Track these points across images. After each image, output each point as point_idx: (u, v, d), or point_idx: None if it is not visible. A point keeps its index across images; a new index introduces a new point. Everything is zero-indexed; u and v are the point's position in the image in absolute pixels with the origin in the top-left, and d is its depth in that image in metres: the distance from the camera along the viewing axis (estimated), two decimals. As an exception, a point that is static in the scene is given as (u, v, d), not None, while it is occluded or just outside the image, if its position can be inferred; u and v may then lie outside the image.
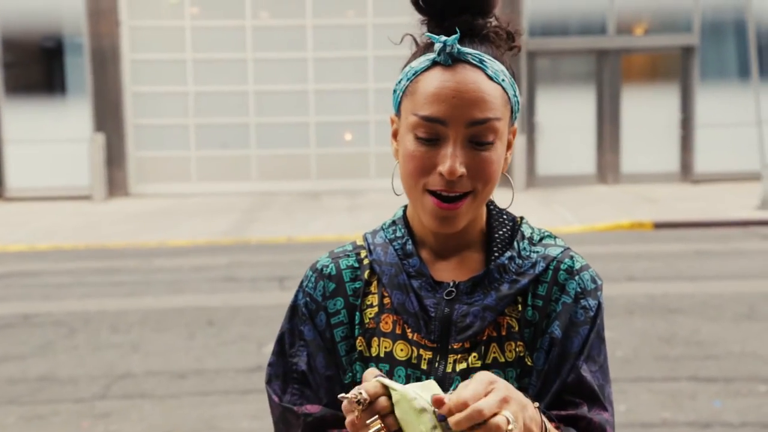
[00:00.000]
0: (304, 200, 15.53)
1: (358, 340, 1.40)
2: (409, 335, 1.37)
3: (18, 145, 16.16)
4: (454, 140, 1.30)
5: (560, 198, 14.88)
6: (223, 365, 6.19)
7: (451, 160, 1.29)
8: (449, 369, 1.35)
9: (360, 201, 15.05)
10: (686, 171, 16.70)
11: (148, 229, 12.71)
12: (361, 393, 1.15)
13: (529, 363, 1.36)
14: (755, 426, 4.99)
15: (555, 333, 1.36)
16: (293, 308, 1.46)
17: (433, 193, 1.32)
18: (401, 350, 1.37)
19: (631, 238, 11.50)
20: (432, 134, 1.30)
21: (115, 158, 16.18)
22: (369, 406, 1.15)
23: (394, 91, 1.39)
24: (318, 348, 1.42)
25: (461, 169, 1.29)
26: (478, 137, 1.30)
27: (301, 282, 1.48)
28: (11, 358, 6.58)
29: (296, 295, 1.47)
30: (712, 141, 16.53)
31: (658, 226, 12.22)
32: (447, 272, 1.40)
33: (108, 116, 16.18)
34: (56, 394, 5.79)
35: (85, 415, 5.38)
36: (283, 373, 1.44)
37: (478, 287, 1.37)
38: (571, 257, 1.42)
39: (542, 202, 14.31)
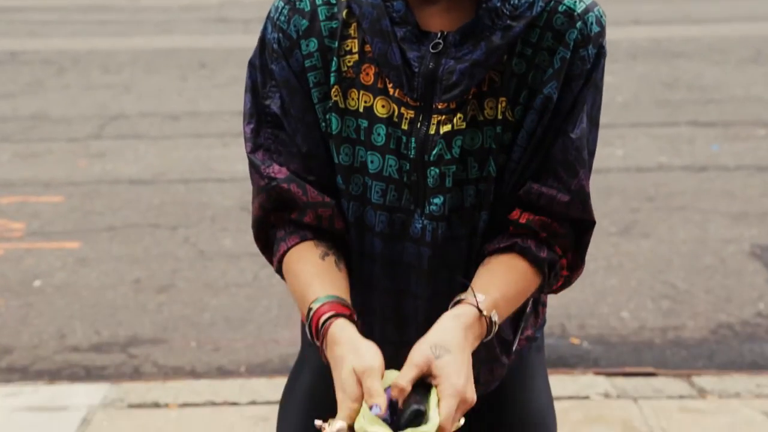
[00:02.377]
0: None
1: (333, 89, 1.24)
2: (391, 91, 1.22)
3: None
4: None
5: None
6: (216, 108, 6.12)
7: None
8: (432, 131, 1.21)
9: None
10: None
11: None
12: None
13: (510, 118, 1.22)
14: (750, 169, 5.01)
15: (551, 93, 1.21)
16: (262, 43, 1.28)
17: None
18: (382, 106, 1.22)
19: (638, -21, 11.07)
20: None
21: None
22: None
23: None
24: (293, 90, 1.26)
25: None
26: None
27: (269, 13, 1.28)
28: (0, 95, 6.48)
29: (265, 29, 1.28)
30: None
31: (667, -34, 11.73)
32: (435, 19, 1.22)
33: None
34: (49, 133, 5.76)
35: (80, 154, 5.38)
36: (256, 113, 1.30)
37: (468, 38, 1.20)
38: None
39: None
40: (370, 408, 1.07)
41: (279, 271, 1.30)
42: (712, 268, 3.92)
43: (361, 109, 1.23)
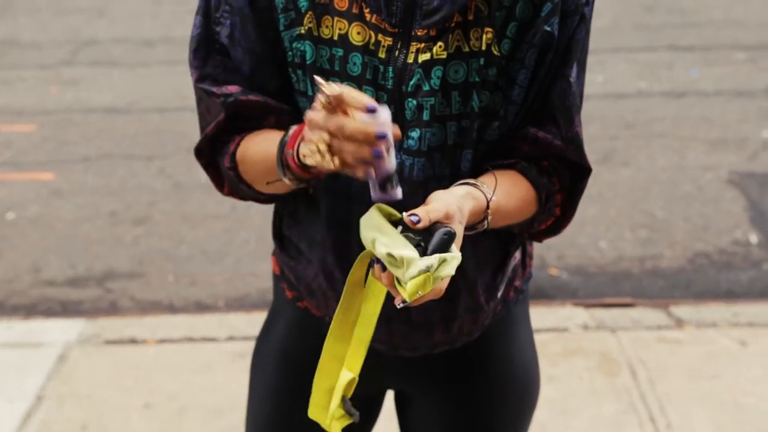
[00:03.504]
0: None
1: (306, 16, 1.17)
2: (367, 16, 1.15)
3: None
4: None
5: None
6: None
7: None
8: (410, 59, 1.15)
9: None
10: None
11: None
12: (333, 88, 0.99)
13: (496, 52, 1.16)
14: (729, 94, 4.98)
15: (553, 30, 1.16)
16: None
17: None
18: (357, 33, 1.16)
19: None
20: None
21: None
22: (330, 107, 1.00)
23: None
24: (245, 18, 1.19)
25: None
26: None
27: None
28: (-31, 23, 6.31)
29: None
30: None
31: None
32: None
33: None
34: (20, 59, 5.63)
35: (52, 81, 5.26)
36: (205, 40, 1.23)
37: None
38: None
39: None
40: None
41: (233, 166, 1.23)
42: (690, 196, 3.93)
43: (335, 38, 1.17)
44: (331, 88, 1.00)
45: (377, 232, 1.03)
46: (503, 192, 1.16)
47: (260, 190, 1.24)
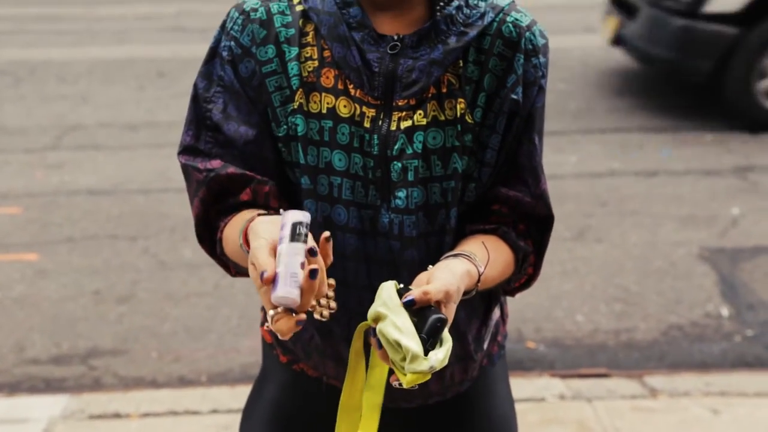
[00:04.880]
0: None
1: (297, 93, 1.29)
2: (352, 91, 1.28)
3: None
4: None
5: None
6: (175, 118, 6.12)
7: None
8: (393, 127, 1.27)
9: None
10: None
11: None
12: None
13: (469, 120, 1.29)
14: (698, 173, 5.15)
15: (518, 98, 1.30)
16: (213, 50, 1.33)
17: None
18: (344, 107, 1.28)
19: (591, -13, 11.25)
20: None
21: None
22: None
23: None
24: (238, 95, 1.30)
25: None
26: None
27: (224, 23, 1.33)
28: (-44, 109, 6.43)
29: (217, 38, 1.33)
30: None
31: (619, -26, 11.93)
32: (390, 24, 1.29)
33: None
34: (6, 144, 5.73)
35: (37, 165, 5.36)
36: (195, 120, 1.32)
37: (424, 40, 1.27)
38: (519, 11, 1.32)
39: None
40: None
41: (222, 251, 1.31)
42: (662, 271, 4.03)
43: (324, 111, 1.28)
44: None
45: (385, 308, 1.09)
46: (491, 262, 1.27)
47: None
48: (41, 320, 3.64)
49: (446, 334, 1.09)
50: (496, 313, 1.46)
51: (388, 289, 1.12)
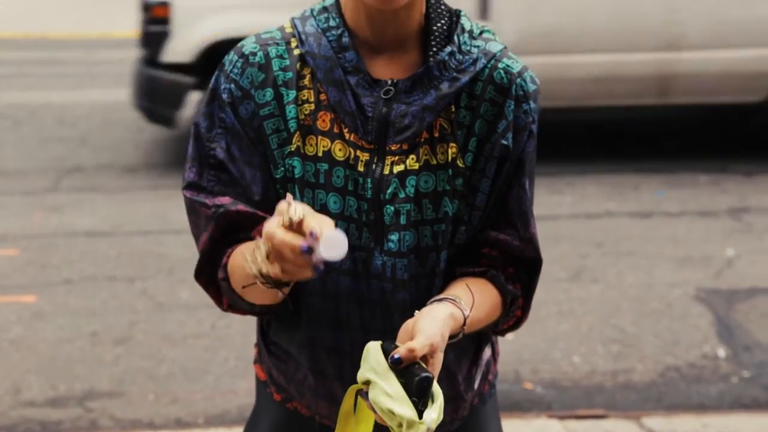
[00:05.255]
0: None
1: (295, 136, 1.32)
2: (347, 135, 1.30)
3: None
4: None
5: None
6: (173, 160, 6.16)
7: None
8: (386, 171, 1.30)
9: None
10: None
11: (89, 18, 12.23)
12: (296, 211, 1.08)
13: (461, 164, 1.32)
14: (693, 214, 5.18)
15: (509, 144, 1.32)
16: (213, 93, 1.35)
17: None
18: (339, 150, 1.30)
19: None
20: None
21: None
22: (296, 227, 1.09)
23: None
24: (239, 136, 1.33)
25: None
26: None
27: (223, 65, 1.36)
28: (-44, 151, 6.46)
29: (217, 80, 1.35)
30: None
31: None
32: (384, 68, 1.32)
33: None
34: (5, 187, 5.75)
35: (36, 207, 5.38)
36: (198, 158, 1.35)
37: (417, 85, 1.30)
38: (510, 57, 1.35)
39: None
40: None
41: (225, 276, 1.33)
42: (659, 312, 4.04)
43: (320, 154, 1.31)
44: (295, 212, 1.09)
45: (373, 374, 1.12)
46: (476, 305, 1.28)
47: (249, 300, 1.32)
48: (38, 362, 3.63)
49: (436, 388, 1.12)
50: (487, 352, 1.47)
51: (374, 353, 1.14)
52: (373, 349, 1.15)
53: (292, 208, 1.09)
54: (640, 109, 6.79)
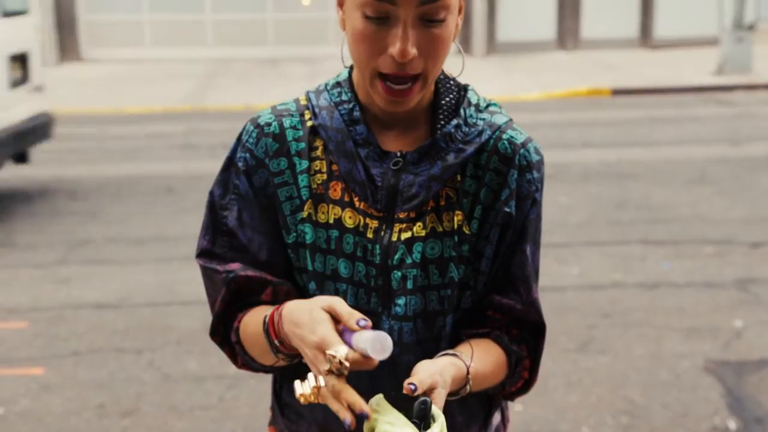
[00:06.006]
0: (261, 67, 15.27)
1: (307, 204, 1.37)
2: (357, 203, 1.36)
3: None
4: (405, 20, 1.25)
5: (520, 65, 14.80)
6: (183, 231, 6.22)
7: (401, 43, 1.25)
8: (394, 238, 1.35)
9: (319, 68, 14.84)
10: (646, 36, 16.64)
11: (101, 95, 12.46)
12: (343, 362, 1.15)
13: (466, 231, 1.36)
14: (699, 285, 5.18)
15: (511, 211, 1.37)
16: (230, 161, 1.41)
17: (383, 76, 1.29)
18: (350, 218, 1.36)
19: (589, 104, 11.55)
20: (381, 13, 1.25)
21: (65, 21, 15.66)
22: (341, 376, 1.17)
23: None
24: (252, 203, 1.39)
25: (413, 51, 1.25)
26: (429, 15, 1.26)
27: (240, 135, 1.42)
28: (-32, 225, 6.54)
29: (234, 149, 1.42)
30: (673, 5, 16.43)
31: (616, 92, 12.26)
32: (393, 141, 1.38)
33: (55, -23, 15.56)
34: (16, 260, 5.80)
35: (45, 280, 5.42)
36: (212, 226, 1.42)
37: (425, 157, 1.35)
38: (515, 128, 1.40)
39: (502, 70, 14.22)
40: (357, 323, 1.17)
41: (238, 340, 1.39)
42: (668, 383, 4.02)
43: (331, 221, 1.36)
44: (342, 359, 1.16)
45: (376, 414, 1.17)
46: (479, 359, 1.32)
47: (264, 364, 1.38)
48: (45, 435, 3.62)
49: (436, 411, 1.17)
50: (497, 417, 1.49)
51: (376, 398, 1.20)
52: (375, 397, 1.20)
53: (337, 356, 1.15)
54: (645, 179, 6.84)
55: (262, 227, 1.39)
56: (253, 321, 1.35)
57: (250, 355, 1.37)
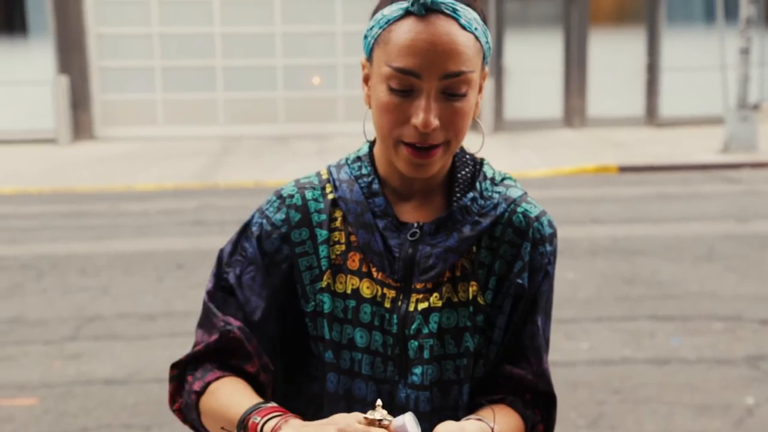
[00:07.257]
0: (271, 144, 15.48)
1: (326, 274, 1.41)
2: (374, 274, 1.39)
3: (-21, 87, 15.88)
4: (428, 92, 1.30)
5: (527, 142, 14.96)
6: (192, 307, 6.25)
7: (425, 114, 1.30)
8: (411, 308, 1.38)
9: (328, 145, 15.03)
10: (651, 115, 16.84)
11: (114, 172, 12.63)
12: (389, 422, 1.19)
13: (481, 301, 1.40)
14: (710, 362, 5.16)
15: (524, 282, 1.41)
16: (245, 226, 1.48)
17: (407, 144, 1.34)
18: (367, 288, 1.39)
19: (596, 181, 11.64)
20: (406, 86, 1.31)
21: (79, 101, 15.96)
22: None
23: (365, 36, 1.39)
24: (257, 268, 1.44)
25: (435, 122, 1.31)
26: (451, 89, 1.31)
27: (261, 205, 1.49)
28: (-21, 301, 6.58)
29: (252, 216, 1.48)
30: (678, 85, 16.66)
31: (623, 169, 12.36)
32: (411, 212, 1.42)
33: (72, 58, 15.91)
34: (26, 336, 5.83)
35: (55, 356, 5.43)
36: (216, 278, 1.47)
37: (441, 228, 1.39)
38: (529, 202, 1.45)
39: (509, 146, 14.39)
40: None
41: (201, 392, 1.40)
42: (679, 461, 3.98)
43: (349, 291, 1.40)
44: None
45: None
46: (501, 422, 1.35)
47: (208, 429, 1.40)
48: None
49: None
50: None
51: None
52: None
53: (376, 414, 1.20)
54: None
55: (262, 291, 1.43)
56: (227, 402, 1.35)
57: (200, 420, 1.39)
